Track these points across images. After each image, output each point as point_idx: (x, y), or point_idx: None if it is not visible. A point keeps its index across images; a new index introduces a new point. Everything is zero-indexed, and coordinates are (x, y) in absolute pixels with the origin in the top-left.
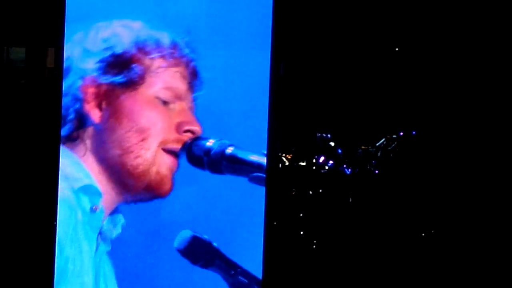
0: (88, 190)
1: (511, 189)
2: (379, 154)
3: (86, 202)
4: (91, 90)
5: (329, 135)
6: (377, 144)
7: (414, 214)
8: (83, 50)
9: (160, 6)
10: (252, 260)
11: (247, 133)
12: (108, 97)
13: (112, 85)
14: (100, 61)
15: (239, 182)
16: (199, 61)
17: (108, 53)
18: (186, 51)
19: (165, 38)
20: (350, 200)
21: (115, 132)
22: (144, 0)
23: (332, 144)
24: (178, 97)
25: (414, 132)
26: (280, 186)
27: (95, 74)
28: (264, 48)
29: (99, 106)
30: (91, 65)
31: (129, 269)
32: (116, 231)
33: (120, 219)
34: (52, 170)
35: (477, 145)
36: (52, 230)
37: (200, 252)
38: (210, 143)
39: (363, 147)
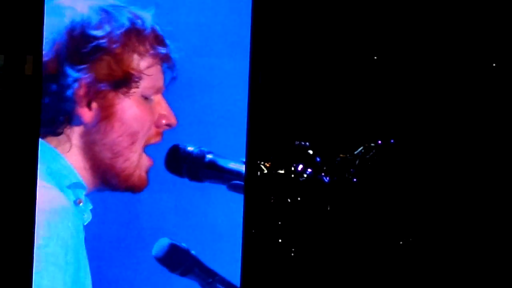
0: (73, 184)
1: (489, 197)
2: (357, 162)
3: (70, 195)
4: (83, 90)
5: (307, 143)
6: (356, 153)
7: (392, 222)
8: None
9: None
10: (230, 268)
11: (226, 141)
12: (100, 98)
13: (105, 86)
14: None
15: (218, 190)
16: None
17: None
18: (165, 44)
19: (148, 24)
20: (329, 208)
21: (107, 136)
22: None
23: (311, 152)
24: (158, 91)
25: (392, 141)
26: (259, 194)
27: (88, 75)
28: (243, 56)
29: (89, 106)
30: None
31: (106, 277)
32: (87, 218)
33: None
34: (31, 176)
35: (455, 153)
36: (31, 229)
37: (178, 260)
38: (189, 150)
39: (341, 155)
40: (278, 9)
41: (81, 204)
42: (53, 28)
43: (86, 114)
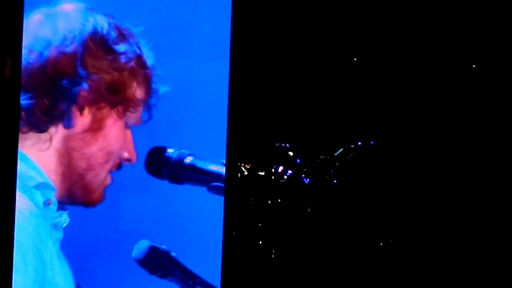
0: (41, 186)
1: (469, 198)
2: (337, 164)
3: (39, 197)
4: (88, 95)
5: (287, 145)
6: (336, 154)
7: (372, 224)
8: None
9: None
10: (210, 270)
11: (206, 143)
12: (97, 110)
13: (107, 103)
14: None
15: (198, 192)
16: (158, 70)
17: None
18: (139, 48)
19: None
20: (309, 210)
21: (88, 147)
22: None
23: (291, 153)
24: (136, 123)
25: (372, 142)
26: (239, 196)
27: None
28: (223, 58)
29: (83, 113)
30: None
31: (87, 279)
32: (65, 220)
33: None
34: (9, 179)
35: (435, 154)
36: (10, 232)
37: (158, 262)
38: (169, 152)
39: (321, 157)
40: (258, 11)
41: (50, 204)
42: (75, 27)
43: (79, 118)
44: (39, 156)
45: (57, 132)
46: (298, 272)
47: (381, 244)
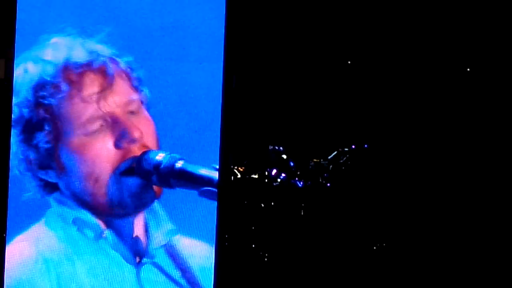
0: (82, 223)
1: (463, 201)
2: (331, 167)
3: (90, 233)
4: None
5: (281, 148)
6: (329, 157)
7: (366, 227)
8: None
9: (110, 19)
10: (204, 273)
11: (199, 146)
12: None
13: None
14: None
15: (190, 195)
16: (142, 71)
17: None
18: (122, 60)
19: (96, 54)
20: (302, 213)
21: (69, 188)
22: (93, 14)
23: (284, 157)
24: (99, 117)
25: (366, 145)
26: (232, 199)
27: None
28: (217, 61)
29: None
30: None
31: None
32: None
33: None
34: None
35: (429, 157)
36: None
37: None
38: (159, 157)
39: (315, 160)
40: (252, 14)
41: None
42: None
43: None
44: None
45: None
46: (291, 276)
47: (374, 247)
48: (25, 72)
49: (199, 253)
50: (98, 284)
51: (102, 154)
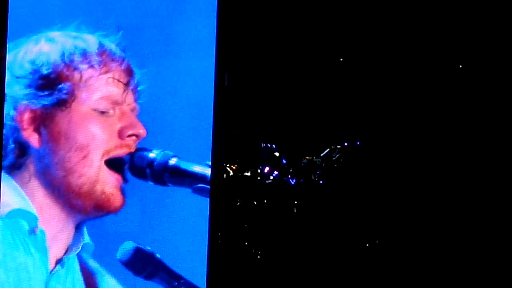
0: (21, 213)
1: (457, 198)
2: (323, 164)
3: (25, 226)
4: (26, 117)
5: (274, 145)
6: (322, 155)
7: (359, 225)
8: (12, 77)
9: (98, 12)
10: (196, 271)
11: (191, 144)
12: (44, 120)
13: (45, 107)
14: (29, 86)
15: (183, 193)
16: (133, 60)
17: (36, 75)
18: (117, 52)
19: (93, 45)
20: (295, 211)
21: (56, 154)
22: (82, 6)
23: (277, 154)
24: (116, 103)
25: (358, 143)
26: (225, 197)
27: (26, 100)
28: (208, 57)
29: (36, 131)
30: (21, 91)
31: None
32: (76, 249)
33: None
34: None
35: (422, 154)
36: None
37: (143, 263)
38: (153, 154)
39: (307, 157)
40: (244, 11)
41: (37, 232)
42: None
43: (35, 139)
44: (27, 187)
45: (31, 160)
46: (284, 273)
47: (367, 244)
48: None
49: (191, 252)
50: (8, 281)
51: (103, 134)
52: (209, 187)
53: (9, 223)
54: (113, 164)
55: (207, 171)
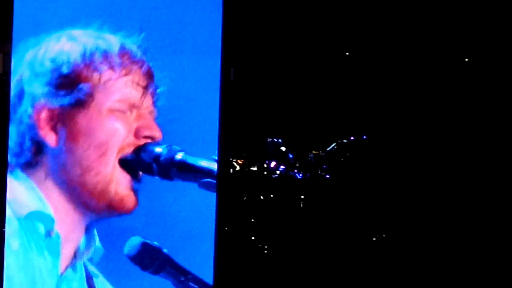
0: (39, 216)
1: (460, 194)
2: (330, 159)
3: (41, 228)
4: (44, 115)
5: (280, 140)
6: (328, 149)
7: (365, 218)
8: (32, 74)
9: (112, 10)
10: (203, 266)
11: (198, 139)
12: (62, 119)
13: (62, 107)
14: (48, 84)
15: (190, 188)
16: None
17: (56, 74)
18: (138, 54)
19: (114, 46)
20: (301, 205)
21: (74, 153)
22: (95, 5)
23: (283, 149)
24: (133, 106)
25: (364, 137)
26: (231, 191)
27: (44, 98)
28: (214, 53)
29: (54, 130)
30: (40, 89)
31: None
32: (88, 254)
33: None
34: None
35: (427, 149)
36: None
37: (150, 258)
38: (159, 149)
39: (314, 152)
40: (250, 6)
41: (52, 235)
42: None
43: (52, 138)
44: (43, 186)
45: (45, 159)
46: (291, 268)
47: (374, 238)
48: (73, 40)
49: (198, 247)
50: (20, 282)
51: (121, 132)
52: (215, 181)
53: (26, 225)
54: (126, 163)
55: (214, 166)
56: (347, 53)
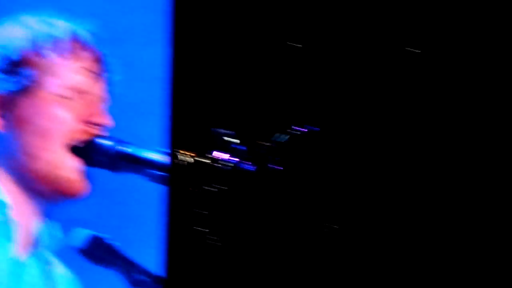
0: None
1: (414, 183)
2: (282, 150)
3: None
4: None
5: (232, 132)
6: (281, 140)
7: (319, 211)
8: None
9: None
10: (154, 259)
11: (146, 131)
12: (8, 105)
13: (8, 92)
14: None
15: (139, 181)
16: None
17: (4, 60)
18: (90, 41)
19: (65, 33)
20: (254, 197)
21: (19, 140)
22: None
23: (236, 140)
24: (83, 92)
25: (317, 128)
26: (182, 184)
27: None
28: (163, 42)
29: (0, 116)
30: None
31: None
32: (47, 242)
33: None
34: None
35: (381, 140)
36: None
37: (100, 252)
38: (108, 142)
39: (266, 143)
40: None
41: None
42: None
43: None
44: None
45: None
46: (245, 261)
47: (326, 230)
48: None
49: (150, 240)
50: None
51: (67, 119)
52: (166, 174)
53: None
54: (74, 150)
55: (162, 158)
56: (300, 45)
